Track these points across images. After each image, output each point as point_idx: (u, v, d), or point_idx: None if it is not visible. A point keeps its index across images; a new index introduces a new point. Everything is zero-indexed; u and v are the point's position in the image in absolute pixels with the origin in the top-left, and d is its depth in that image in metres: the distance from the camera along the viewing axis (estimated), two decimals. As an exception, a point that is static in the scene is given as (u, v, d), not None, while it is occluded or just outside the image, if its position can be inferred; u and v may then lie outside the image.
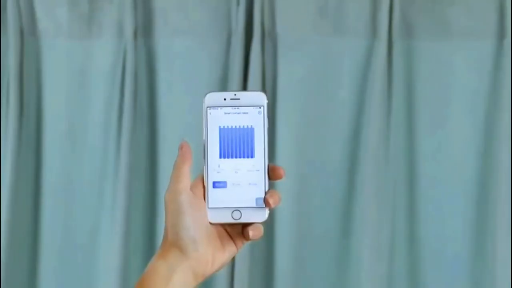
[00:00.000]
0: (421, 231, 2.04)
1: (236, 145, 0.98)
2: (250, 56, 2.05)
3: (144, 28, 2.10)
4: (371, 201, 2.01)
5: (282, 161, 2.03)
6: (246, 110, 0.98)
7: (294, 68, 2.05)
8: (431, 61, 2.04)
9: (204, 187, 0.97)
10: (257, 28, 2.05)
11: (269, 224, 2.06)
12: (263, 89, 2.05)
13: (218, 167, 0.97)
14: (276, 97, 2.06)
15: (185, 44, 2.08)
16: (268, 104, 0.99)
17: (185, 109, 2.07)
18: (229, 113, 0.98)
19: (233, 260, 2.03)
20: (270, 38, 2.07)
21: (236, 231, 0.97)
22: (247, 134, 0.98)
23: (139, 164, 2.09)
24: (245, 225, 0.96)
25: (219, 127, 0.98)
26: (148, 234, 2.10)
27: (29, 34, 2.12)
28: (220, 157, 0.97)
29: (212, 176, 0.97)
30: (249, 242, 0.98)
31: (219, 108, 0.98)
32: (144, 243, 2.09)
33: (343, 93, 2.05)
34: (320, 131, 2.05)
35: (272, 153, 2.04)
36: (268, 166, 0.97)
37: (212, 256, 0.94)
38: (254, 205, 0.96)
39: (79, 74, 2.11)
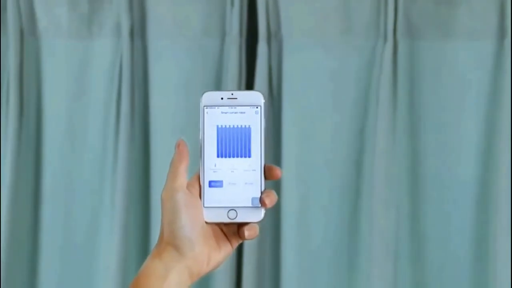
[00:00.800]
0: (423, 230, 2.04)
1: (232, 144, 0.98)
2: (256, 58, 2.05)
3: (142, 29, 2.10)
4: (377, 200, 2.00)
5: (288, 161, 2.04)
6: (243, 110, 0.98)
7: (299, 69, 2.05)
8: (434, 61, 2.04)
9: (200, 186, 0.97)
10: (262, 30, 2.05)
11: (275, 224, 2.06)
12: (270, 91, 2.06)
13: (215, 166, 0.97)
14: (281, 98, 2.06)
15: (181, 45, 2.08)
16: (265, 104, 0.99)
17: (180, 109, 2.07)
18: (226, 113, 0.98)
19: (239, 267, 2.04)
20: (275, 39, 2.07)
21: (231, 230, 0.97)
22: (244, 133, 0.98)
23: (135, 164, 2.09)
24: (240, 225, 0.96)
25: (217, 126, 0.98)
26: (143, 233, 2.10)
27: (29, 34, 2.13)
28: (217, 157, 0.97)
29: (208, 175, 0.97)
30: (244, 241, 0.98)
31: (216, 107, 0.98)
32: (139, 243, 2.09)
33: (349, 93, 2.05)
34: (326, 131, 2.05)
35: (278, 153, 2.05)
36: (265, 166, 0.97)
37: (208, 255, 0.94)
38: (250, 205, 0.96)
39: (79, 74, 2.12)
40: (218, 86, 2.06)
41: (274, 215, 2.06)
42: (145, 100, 2.11)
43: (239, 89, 2.03)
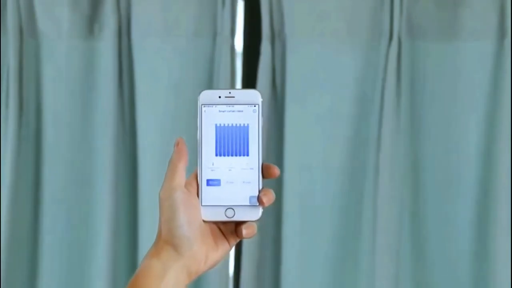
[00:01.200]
0: (425, 229, 2.04)
1: (230, 143, 0.97)
2: (260, 58, 2.06)
3: (133, 29, 2.10)
4: (380, 200, 2.00)
5: (290, 160, 2.04)
6: (241, 108, 0.98)
7: (303, 69, 2.05)
8: (435, 61, 2.04)
9: (198, 184, 0.96)
10: (265, 30, 2.05)
11: (276, 224, 2.06)
12: (273, 91, 2.06)
13: (212, 165, 0.97)
14: (284, 98, 2.06)
15: (172, 45, 2.08)
16: (263, 102, 0.99)
17: (170, 110, 2.07)
18: (223, 111, 0.98)
19: (238, 267, 2.04)
20: (279, 39, 2.07)
21: (229, 229, 0.97)
22: (241, 132, 0.98)
23: (124, 164, 2.09)
24: (238, 223, 0.96)
25: (215, 125, 0.98)
26: (132, 232, 2.09)
27: (28, 34, 2.13)
28: (215, 155, 0.97)
29: (206, 173, 0.97)
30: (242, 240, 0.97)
31: (213, 106, 0.98)
32: (129, 242, 2.09)
33: (353, 93, 2.05)
34: (329, 131, 2.05)
35: (280, 152, 2.05)
36: (263, 164, 0.97)
37: (206, 254, 0.94)
38: (248, 204, 0.96)
39: (79, 74, 2.12)
40: (209, 86, 2.06)
41: (275, 215, 2.06)
42: (133, 100, 2.10)
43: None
